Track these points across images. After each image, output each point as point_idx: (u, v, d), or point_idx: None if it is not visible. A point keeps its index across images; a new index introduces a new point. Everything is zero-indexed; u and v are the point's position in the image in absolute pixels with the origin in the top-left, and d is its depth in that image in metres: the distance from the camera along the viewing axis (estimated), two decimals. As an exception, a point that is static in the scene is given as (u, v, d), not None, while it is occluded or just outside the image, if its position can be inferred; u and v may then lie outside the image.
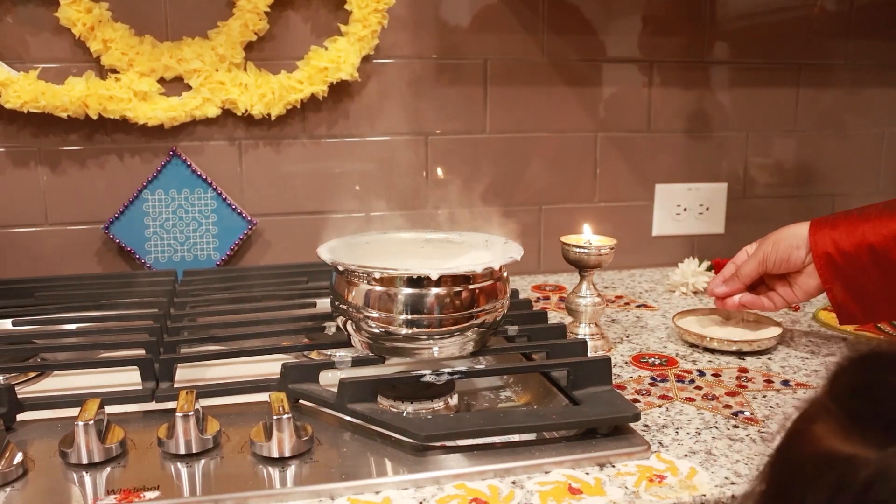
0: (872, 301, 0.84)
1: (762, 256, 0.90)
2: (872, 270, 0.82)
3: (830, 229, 0.85)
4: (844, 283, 0.85)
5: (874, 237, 0.81)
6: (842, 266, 0.84)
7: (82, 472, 0.63)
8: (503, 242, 0.83)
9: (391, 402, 0.74)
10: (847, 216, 0.85)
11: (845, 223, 0.84)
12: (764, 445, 0.69)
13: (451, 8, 1.20)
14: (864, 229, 0.82)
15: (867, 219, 0.83)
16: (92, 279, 1.10)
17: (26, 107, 1.07)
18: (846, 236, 0.84)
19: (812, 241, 0.86)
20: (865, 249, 0.82)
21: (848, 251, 0.83)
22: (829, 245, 0.85)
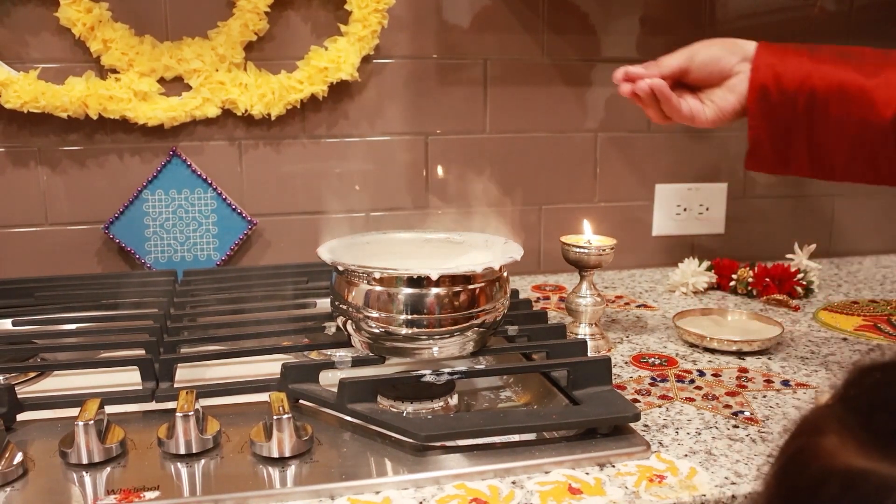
0: (790, 151, 0.78)
1: (690, 51, 0.81)
2: (804, 118, 0.75)
3: (778, 60, 0.76)
4: (771, 122, 0.77)
5: (819, 82, 0.74)
6: (775, 103, 0.76)
7: (82, 472, 0.63)
8: (503, 242, 0.83)
9: (391, 402, 0.74)
10: (798, 51, 0.77)
11: (794, 58, 0.76)
12: (764, 445, 0.69)
13: (451, 8, 1.20)
14: (810, 70, 0.75)
15: (819, 61, 0.75)
16: (92, 279, 1.10)
17: (26, 107, 1.07)
18: (791, 72, 0.75)
19: (754, 67, 0.77)
20: (806, 93, 0.75)
21: (787, 89, 0.75)
22: (770, 77, 0.76)
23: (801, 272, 1.18)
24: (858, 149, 0.75)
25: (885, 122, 0.72)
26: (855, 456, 0.31)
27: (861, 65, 0.74)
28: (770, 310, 1.11)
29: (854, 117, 0.73)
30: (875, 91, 0.72)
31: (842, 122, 0.74)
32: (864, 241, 1.45)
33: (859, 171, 0.78)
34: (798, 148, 0.77)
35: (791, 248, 1.25)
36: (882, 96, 0.72)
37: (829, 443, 0.32)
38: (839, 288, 1.24)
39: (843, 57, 0.75)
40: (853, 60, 0.74)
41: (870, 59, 0.74)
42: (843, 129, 0.74)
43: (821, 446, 0.32)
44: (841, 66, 0.74)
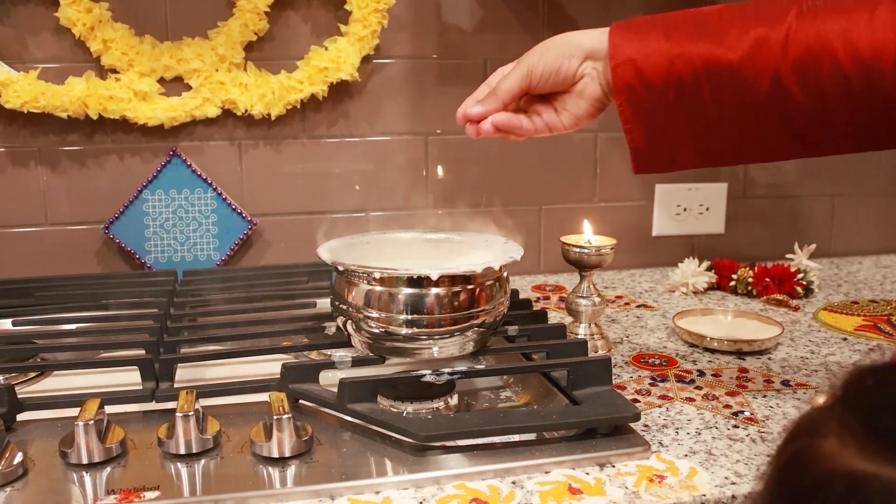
0: (674, 147, 0.71)
1: (526, 69, 0.72)
2: (679, 107, 0.68)
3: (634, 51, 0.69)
4: (645, 122, 0.70)
5: (684, 67, 0.67)
6: (644, 102, 0.69)
7: (82, 472, 0.63)
8: (503, 242, 0.83)
9: (391, 402, 0.74)
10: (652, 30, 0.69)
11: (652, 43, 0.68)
12: (764, 445, 0.69)
13: (451, 8, 1.20)
14: (671, 56, 0.67)
15: (677, 41, 0.67)
16: (92, 279, 1.10)
17: (26, 107, 1.07)
18: (652, 63, 0.68)
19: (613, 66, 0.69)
20: (673, 84, 0.67)
21: (653, 84, 0.68)
22: (631, 75, 0.68)
23: (801, 272, 1.18)
24: (744, 129, 0.69)
25: (763, 95, 0.66)
26: (857, 458, 0.30)
27: (721, 35, 0.66)
28: (770, 310, 1.11)
29: (730, 98, 0.67)
30: (743, 65, 0.65)
31: (719, 105, 0.67)
32: (864, 241, 1.45)
33: (750, 151, 0.71)
34: (681, 142, 0.71)
35: (791, 248, 1.25)
36: (752, 70, 0.65)
37: (828, 444, 0.32)
38: (839, 288, 1.24)
39: (701, 28, 0.67)
40: (711, 30, 0.67)
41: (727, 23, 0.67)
42: (722, 113, 0.68)
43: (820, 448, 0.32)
44: (701, 43, 0.66)
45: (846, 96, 0.64)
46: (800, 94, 0.65)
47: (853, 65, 0.62)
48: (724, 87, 0.66)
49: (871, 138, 0.67)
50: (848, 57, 0.62)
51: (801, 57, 0.64)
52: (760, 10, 0.67)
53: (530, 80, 0.73)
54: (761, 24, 0.65)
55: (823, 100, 0.64)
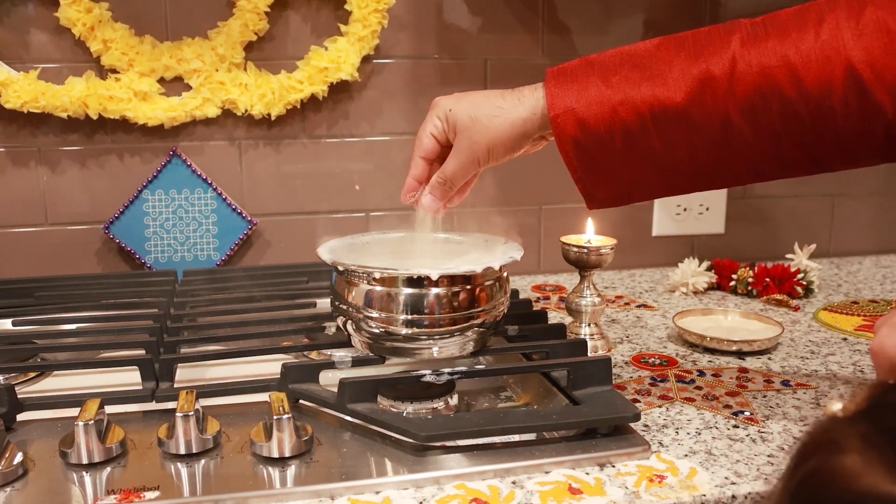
0: (628, 187, 0.70)
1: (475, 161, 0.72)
2: (628, 154, 0.66)
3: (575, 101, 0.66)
4: (593, 167, 0.68)
5: (627, 114, 0.64)
6: (590, 149, 0.67)
7: (82, 472, 0.63)
8: (503, 242, 0.83)
9: (391, 402, 0.74)
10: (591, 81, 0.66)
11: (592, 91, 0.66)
12: (764, 445, 0.69)
13: (451, 8, 1.20)
14: (613, 103, 0.65)
15: (615, 86, 0.65)
16: (92, 279, 1.10)
17: (26, 107, 1.07)
18: (593, 113, 0.65)
19: (553, 117, 0.67)
20: (619, 131, 0.65)
21: (598, 133, 0.66)
22: (574, 128, 0.66)
23: (801, 272, 1.18)
24: (697, 167, 0.67)
25: (714, 136, 0.64)
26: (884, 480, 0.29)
27: (663, 77, 0.64)
28: (770, 310, 1.11)
29: (680, 141, 0.65)
30: (690, 108, 0.63)
31: (668, 148, 0.65)
32: (864, 241, 1.45)
33: (705, 183, 0.70)
34: (633, 182, 0.70)
35: (791, 248, 1.25)
36: (700, 112, 0.63)
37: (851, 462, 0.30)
38: (839, 288, 1.24)
39: (641, 70, 0.65)
40: (652, 72, 0.65)
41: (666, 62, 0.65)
42: (671, 155, 0.66)
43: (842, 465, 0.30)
44: (644, 87, 0.64)
45: (798, 132, 0.63)
46: (751, 133, 0.64)
47: (802, 101, 0.61)
48: (672, 132, 0.64)
49: (826, 164, 0.67)
50: (794, 93, 0.61)
51: (749, 97, 0.62)
52: (699, 43, 0.64)
53: (478, 169, 0.73)
54: (702, 60, 0.63)
55: (777, 138, 0.63)
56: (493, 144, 0.70)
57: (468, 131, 0.71)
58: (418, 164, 0.76)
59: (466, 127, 0.71)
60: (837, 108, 0.61)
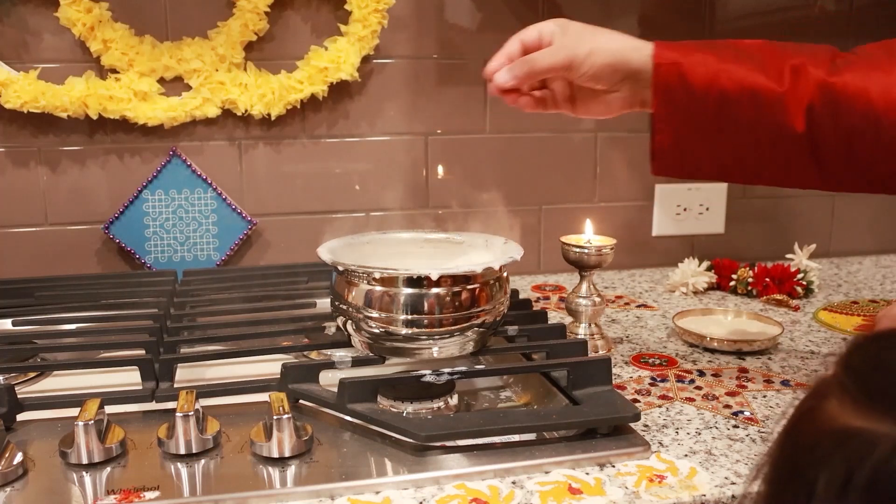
0: (701, 155, 0.72)
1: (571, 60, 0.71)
2: (716, 121, 0.69)
3: (681, 56, 0.68)
4: (678, 126, 0.70)
5: (729, 83, 0.67)
6: (682, 105, 0.69)
7: (82, 472, 0.63)
8: (503, 242, 0.83)
9: (391, 402, 0.74)
10: (700, 49, 0.69)
11: (698, 56, 0.68)
12: (764, 445, 0.69)
13: (451, 8, 1.20)
14: (717, 69, 0.68)
15: (724, 59, 0.68)
16: (92, 279, 1.10)
17: (26, 107, 1.07)
18: (697, 72, 0.68)
19: (656, 65, 0.69)
20: (715, 95, 0.67)
21: (695, 91, 0.68)
22: (674, 77, 0.68)
23: (801, 272, 1.18)
24: (770, 155, 0.70)
25: (799, 129, 0.67)
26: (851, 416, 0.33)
27: (764, 65, 0.68)
28: (770, 310, 1.11)
29: (767, 123, 0.68)
30: (788, 98, 0.67)
31: (753, 127, 0.68)
32: (864, 241, 1.45)
33: (771, 176, 0.73)
34: (709, 152, 0.71)
35: (791, 248, 1.25)
36: (792, 103, 0.67)
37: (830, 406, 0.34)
38: (839, 288, 1.24)
39: (746, 56, 0.69)
40: (755, 59, 0.68)
41: (769, 55, 0.69)
42: (754, 135, 0.69)
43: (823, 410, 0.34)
44: (748, 67, 0.68)
45: (875, 139, 0.66)
46: (830, 129, 0.67)
47: (886, 109, 0.65)
48: (763, 112, 0.68)
49: (890, 183, 0.69)
50: (883, 102, 0.65)
51: (837, 93, 0.66)
52: (802, 48, 0.69)
53: (569, 71, 0.72)
54: (803, 58, 0.68)
55: (852, 139, 0.66)
56: (597, 48, 0.71)
57: (577, 34, 0.73)
58: (513, 43, 0.75)
59: (576, 31, 0.73)
60: None
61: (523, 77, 0.74)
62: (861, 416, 0.33)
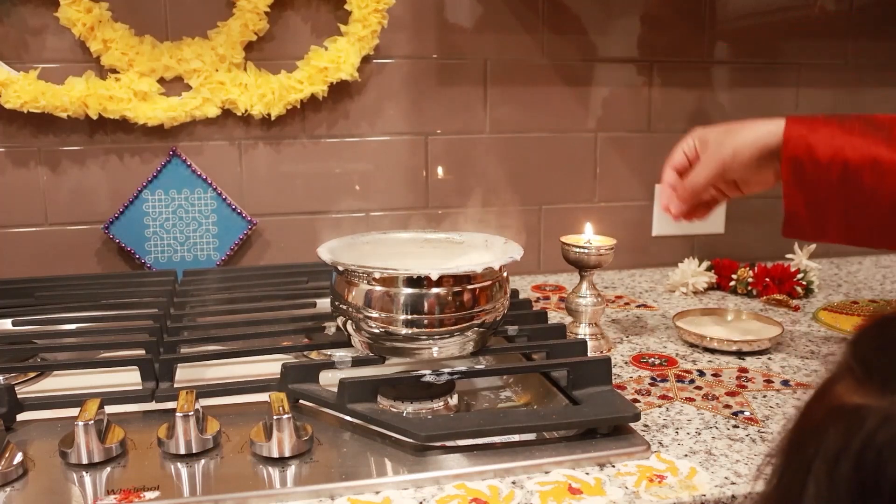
0: (826, 220, 0.78)
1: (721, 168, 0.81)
2: (840, 189, 0.76)
3: (808, 132, 0.77)
4: (805, 192, 0.78)
5: (852, 154, 0.74)
6: (809, 174, 0.76)
7: (82, 472, 0.63)
8: (503, 242, 0.83)
9: (391, 402, 0.74)
10: (827, 123, 0.77)
11: (825, 130, 0.76)
12: (764, 445, 0.69)
13: (451, 8, 1.20)
14: (843, 143, 0.75)
15: (849, 132, 0.75)
16: (92, 279, 1.10)
17: (26, 107, 1.07)
18: (823, 145, 0.76)
19: (786, 139, 0.77)
20: (839, 165, 0.75)
21: (821, 161, 0.76)
22: (802, 149, 0.76)
23: (801, 272, 1.18)
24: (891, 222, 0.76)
25: None
26: (853, 395, 0.35)
27: (890, 138, 0.74)
28: (770, 310, 1.11)
29: (889, 190, 0.74)
30: None
31: (876, 193, 0.74)
32: (864, 241, 1.45)
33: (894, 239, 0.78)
34: (833, 217, 0.78)
35: (791, 248, 1.25)
36: None
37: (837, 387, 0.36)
38: (839, 288, 1.24)
39: (872, 128, 0.75)
40: (882, 133, 0.75)
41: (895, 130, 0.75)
42: (877, 201, 0.75)
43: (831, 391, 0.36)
44: (871, 140, 0.74)
45: None
46: None
47: None
48: (885, 180, 0.73)
49: None
50: None
51: None
52: None
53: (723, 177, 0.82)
54: None
55: None
56: (738, 147, 0.80)
57: (716, 141, 0.82)
58: (669, 173, 0.87)
59: (715, 139, 0.82)
60: None
61: (691, 200, 0.84)
62: (861, 393, 0.34)
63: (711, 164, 0.81)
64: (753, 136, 0.79)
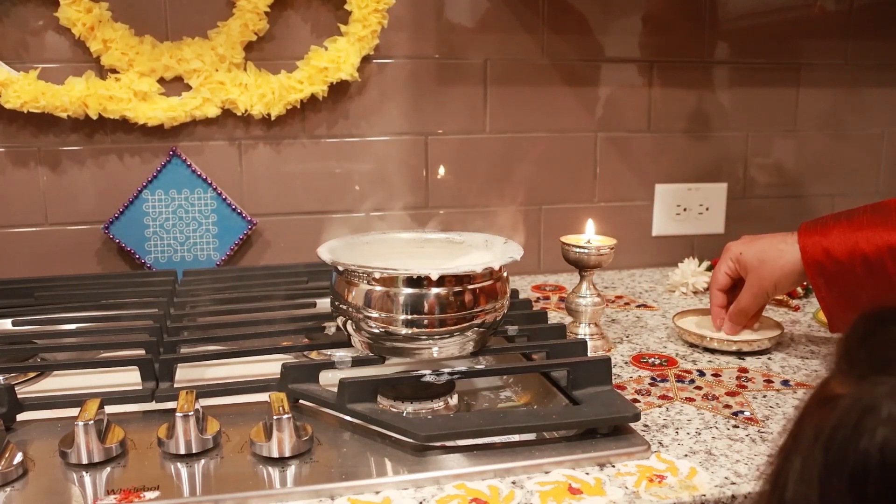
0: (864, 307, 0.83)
1: (766, 295, 0.89)
2: (867, 279, 0.80)
3: (821, 237, 0.83)
4: (836, 290, 0.83)
5: (868, 247, 0.80)
6: (833, 273, 0.82)
7: (82, 472, 0.63)
8: (503, 242, 0.83)
9: (391, 402, 0.74)
10: (837, 223, 0.83)
11: (836, 230, 0.83)
12: (764, 445, 0.69)
13: (452, 8, 1.20)
14: (856, 238, 0.81)
15: (859, 227, 0.81)
16: (92, 279, 1.10)
17: (26, 107, 1.07)
18: (838, 245, 0.81)
19: (802, 248, 0.84)
20: (859, 259, 0.80)
21: (841, 260, 0.81)
22: (820, 254, 0.83)
23: (801, 272, 1.18)
24: None
25: None
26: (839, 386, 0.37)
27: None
28: (770, 310, 1.11)
29: None
30: None
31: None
32: (864, 241, 1.45)
33: None
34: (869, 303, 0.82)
35: (791, 248, 1.25)
36: None
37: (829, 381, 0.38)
38: (839, 288, 1.23)
39: (880, 216, 0.80)
40: (891, 219, 0.79)
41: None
42: None
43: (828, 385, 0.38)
44: (881, 229, 0.79)
45: None
46: None
47: None
48: None
49: None
50: None
51: None
52: None
53: (767, 300, 0.91)
54: None
55: None
56: (779, 280, 0.88)
57: (757, 271, 0.89)
58: (717, 296, 0.94)
59: (755, 267, 0.89)
60: None
61: (744, 323, 0.93)
62: (845, 385, 0.36)
63: (756, 292, 0.89)
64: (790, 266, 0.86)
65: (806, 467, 0.35)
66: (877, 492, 0.33)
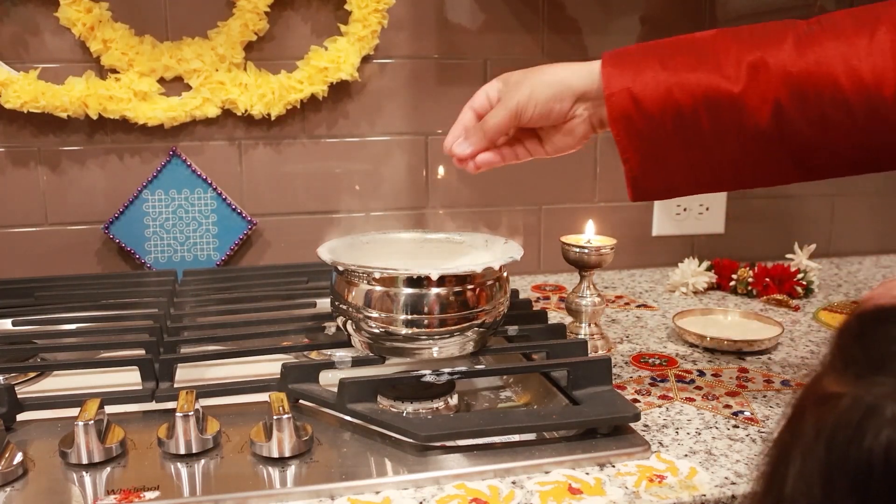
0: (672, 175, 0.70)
1: (515, 108, 0.71)
2: (675, 137, 0.67)
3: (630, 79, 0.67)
4: (642, 151, 0.69)
5: (682, 95, 0.65)
6: (641, 130, 0.68)
7: (82, 472, 0.63)
8: (503, 242, 0.83)
9: (391, 402, 0.74)
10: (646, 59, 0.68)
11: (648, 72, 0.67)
12: (764, 445, 0.69)
13: (452, 8, 1.20)
14: (669, 84, 0.66)
15: (674, 69, 0.66)
16: (92, 279, 1.10)
17: (26, 107, 1.07)
18: (651, 93, 0.66)
19: (608, 95, 0.68)
20: (672, 112, 0.66)
21: (651, 112, 0.67)
22: (628, 103, 0.67)
23: (800, 272, 1.18)
24: (743, 156, 0.67)
25: (763, 123, 0.65)
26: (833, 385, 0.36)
27: (718, 64, 0.65)
28: (770, 310, 1.11)
29: (729, 127, 0.66)
30: (744, 97, 0.64)
31: (718, 134, 0.66)
32: (864, 241, 1.45)
33: (749, 178, 0.70)
34: (679, 170, 0.69)
35: (791, 248, 1.25)
36: (753, 98, 0.64)
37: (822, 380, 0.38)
38: (839, 288, 1.24)
39: (697, 56, 0.66)
40: (708, 58, 0.66)
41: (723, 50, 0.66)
42: (721, 141, 0.67)
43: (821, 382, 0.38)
44: (700, 72, 0.65)
45: (848, 123, 0.63)
46: (801, 121, 0.64)
47: (855, 91, 0.62)
48: (723, 117, 0.65)
49: (872, 161, 0.67)
50: (850, 83, 0.62)
51: (802, 84, 0.63)
52: (756, 35, 0.66)
53: (519, 120, 0.71)
54: (758, 50, 0.64)
55: (825, 127, 0.64)
56: (534, 88, 0.70)
57: (516, 82, 0.72)
58: (466, 113, 0.75)
59: (516, 79, 0.72)
60: (889, 98, 0.61)
61: (479, 144, 0.74)
62: (840, 383, 0.36)
63: (507, 105, 0.71)
64: (558, 76, 0.71)
65: (806, 464, 0.35)
66: (880, 491, 0.33)
